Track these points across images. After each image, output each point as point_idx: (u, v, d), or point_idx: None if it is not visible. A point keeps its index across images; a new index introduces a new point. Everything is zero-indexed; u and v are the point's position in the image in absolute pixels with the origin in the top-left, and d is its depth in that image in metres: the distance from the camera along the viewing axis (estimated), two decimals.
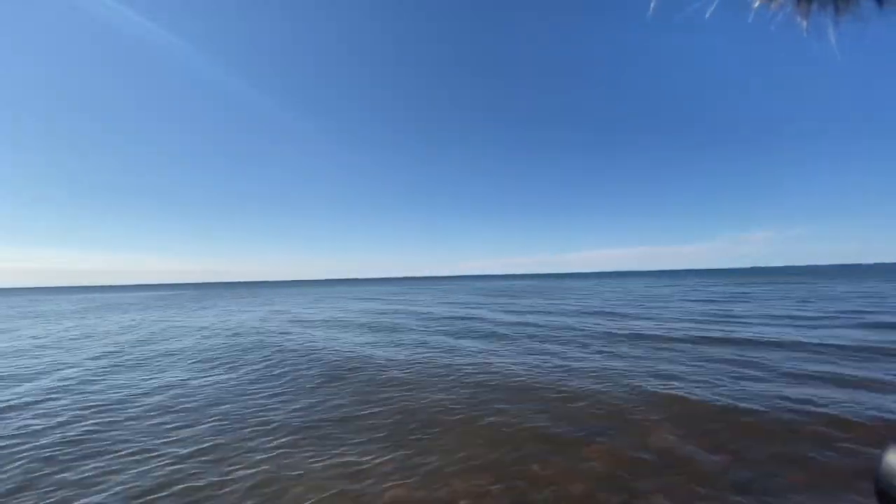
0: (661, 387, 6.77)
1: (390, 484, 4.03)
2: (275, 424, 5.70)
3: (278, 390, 7.48)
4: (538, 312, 19.78)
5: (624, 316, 17.12)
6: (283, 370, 8.99)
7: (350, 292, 55.21)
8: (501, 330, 14.30)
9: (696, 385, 6.81)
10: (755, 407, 5.62)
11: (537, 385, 7.15)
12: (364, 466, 4.41)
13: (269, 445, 4.99)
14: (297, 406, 6.50)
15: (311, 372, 8.67)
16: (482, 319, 17.45)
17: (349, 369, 8.83)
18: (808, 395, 6.07)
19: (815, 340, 10.01)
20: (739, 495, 3.58)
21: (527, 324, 15.61)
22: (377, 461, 4.50)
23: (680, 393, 6.42)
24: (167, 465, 4.59)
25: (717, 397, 6.12)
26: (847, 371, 7.23)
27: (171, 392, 7.49)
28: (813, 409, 5.46)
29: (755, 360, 8.34)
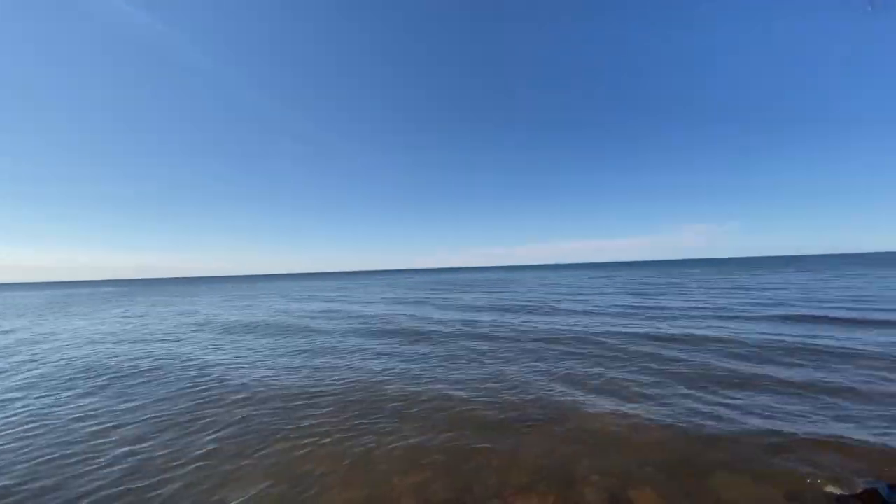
0: (572, 392, 6.78)
1: None
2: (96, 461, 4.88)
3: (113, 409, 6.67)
4: (480, 309, 19.76)
5: (559, 311, 17.38)
6: (145, 386, 8.00)
7: (297, 288, 53.38)
8: (431, 328, 13.85)
9: (615, 390, 6.71)
10: (666, 414, 5.90)
11: (457, 397, 6.65)
12: None
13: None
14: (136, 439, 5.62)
15: (160, 391, 7.51)
16: (418, 318, 16.86)
17: (213, 384, 7.90)
18: (722, 399, 6.21)
19: (732, 335, 10.72)
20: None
21: (465, 321, 15.39)
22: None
23: (587, 398, 6.48)
24: None
25: (630, 404, 6.11)
26: (748, 369, 7.45)
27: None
28: (728, 413, 5.79)
29: (677, 357, 8.63)
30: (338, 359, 9.54)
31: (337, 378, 7.89)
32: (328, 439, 5.16)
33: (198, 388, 7.57)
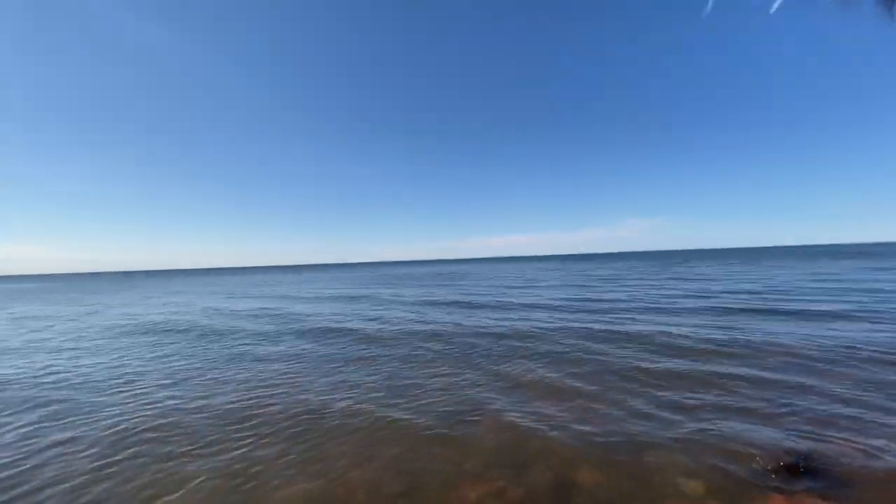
0: (515, 386, 7.00)
1: None
2: None
3: None
4: (427, 304, 19.55)
5: (505, 306, 17.65)
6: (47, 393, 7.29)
7: (244, 283, 50.87)
8: (376, 327, 13.54)
9: (557, 383, 6.72)
10: (603, 405, 5.84)
11: (402, 395, 6.47)
12: None
13: None
14: None
15: None
16: (361, 317, 16.33)
17: (125, 388, 7.22)
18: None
19: (661, 329, 11.66)
20: None
21: (412, 320, 15.18)
22: None
23: (530, 391, 6.69)
24: None
25: (570, 396, 6.37)
26: (675, 361, 7.75)
27: None
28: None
29: (614, 352, 9.05)
30: (267, 362, 9.00)
31: (266, 382, 7.56)
32: (266, 440, 5.00)
33: (110, 392, 7.09)
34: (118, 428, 5.44)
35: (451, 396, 6.31)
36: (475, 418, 5.45)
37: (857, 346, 8.05)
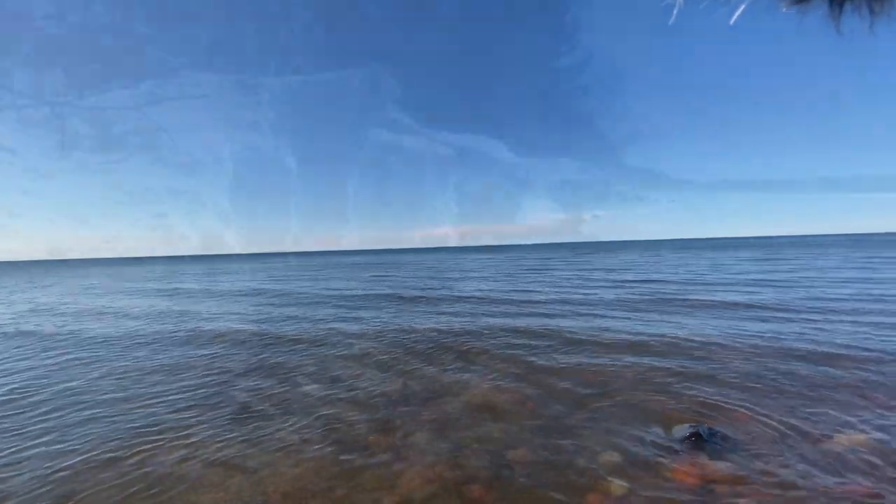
0: (450, 377, 7.91)
1: None
2: None
3: None
4: (348, 297, 19.61)
5: (438, 300, 18.76)
6: None
7: (139, 275, 46.00)
8: (292, 327, 13.32)
9: (489, 373, 7.21)
10: (531, 392, 7.02)
11: (334, 396, 6.98)
12: None
13: None
14: None
15: None
16: (275, 317, 15.92)
17: None
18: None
19: (581, 323, 12.55)
20: None
21: (338, 317, 15.19)
22: None
23: (468, 382, 7.58)
24: None
25: (502, 385, 7.22)
26: (595, 354, 8.82)
27: None
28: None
29: (538, 345, 10.08)
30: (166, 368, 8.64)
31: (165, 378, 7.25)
32: (176, 444, 4.71)
33: None
34: None
35: (381, 393, 6.28)
36: (407, 411, 5.52)
37: (752, 334, 8.97)
